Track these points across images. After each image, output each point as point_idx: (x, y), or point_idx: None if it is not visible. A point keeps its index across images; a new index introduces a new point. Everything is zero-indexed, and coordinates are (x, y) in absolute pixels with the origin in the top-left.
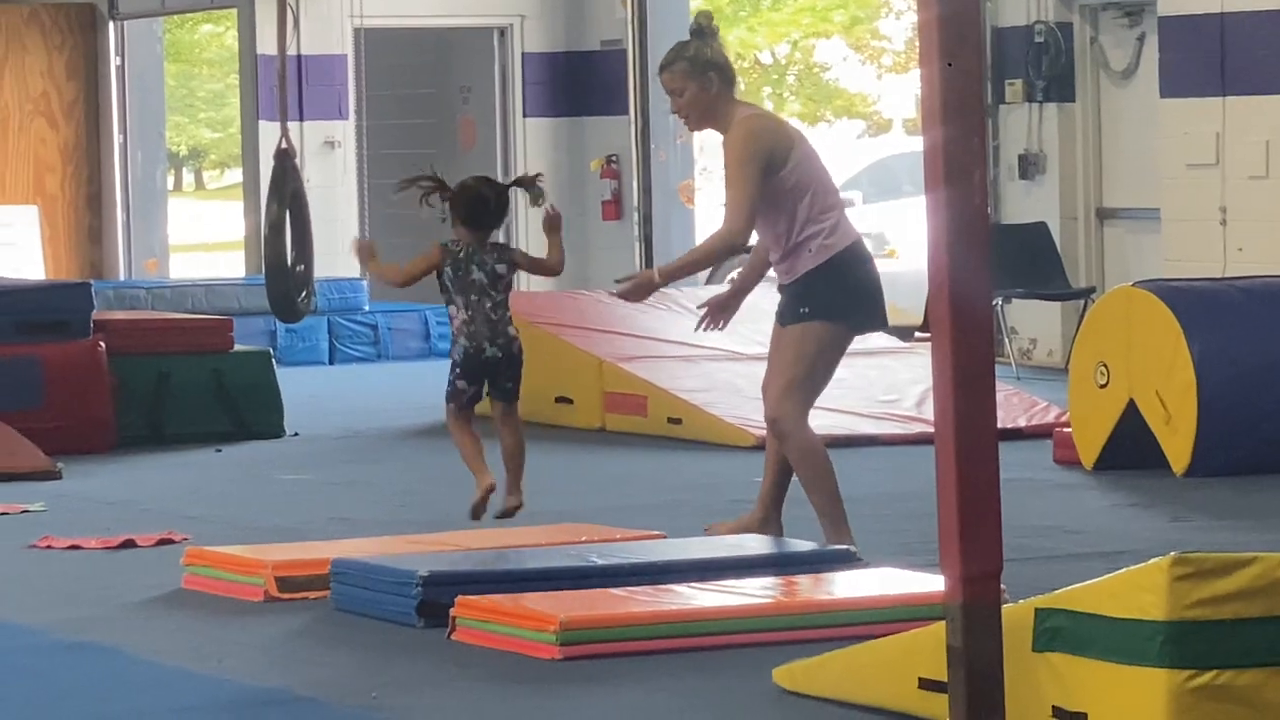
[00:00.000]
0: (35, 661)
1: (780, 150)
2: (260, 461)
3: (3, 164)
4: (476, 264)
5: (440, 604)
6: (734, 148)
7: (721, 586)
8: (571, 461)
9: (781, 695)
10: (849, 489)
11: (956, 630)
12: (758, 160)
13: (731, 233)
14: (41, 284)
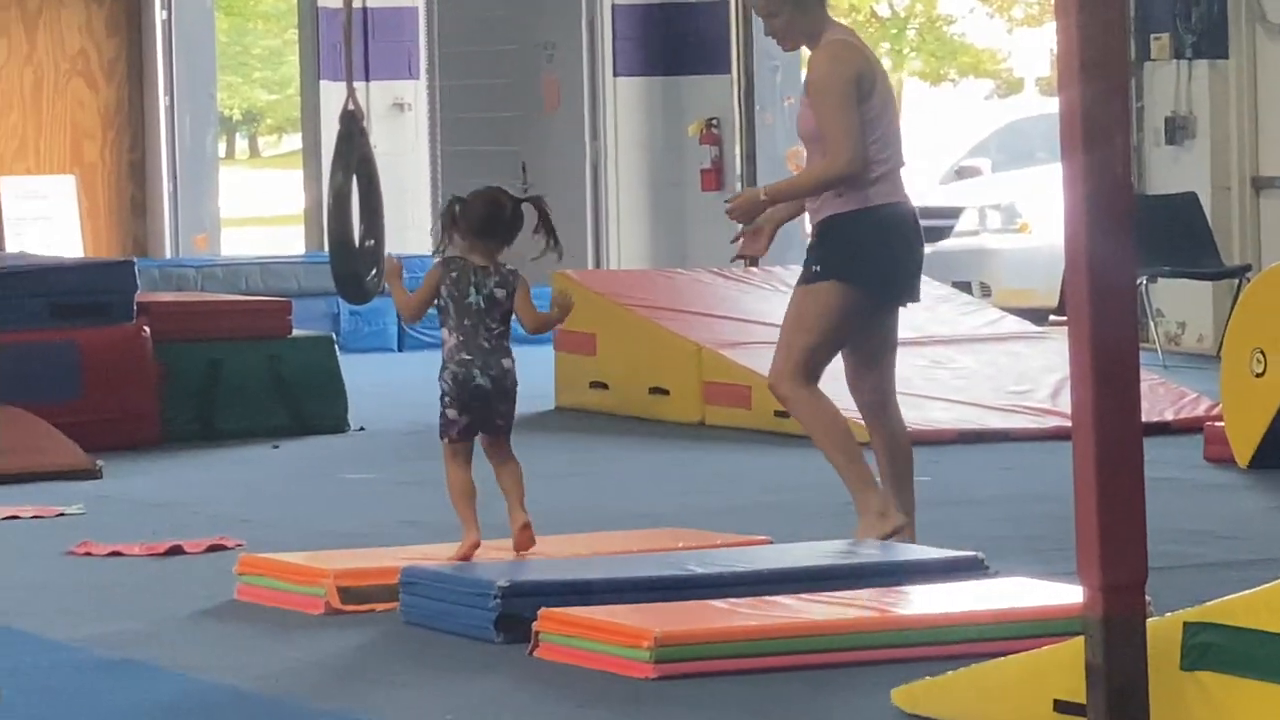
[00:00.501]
0: (73, 681)
1: (866, 80)
2: (321, 459)
3: (37, 130)
4: (475, 286)
5: (521, 617)
6: (828, 72)
7: (833, 598)
8: (667, 459)
9: (901, 717)
10: (974, 489)
11: (1096, 647)
12: (851, 84)
13: (849, 162)
14: (79, 262)
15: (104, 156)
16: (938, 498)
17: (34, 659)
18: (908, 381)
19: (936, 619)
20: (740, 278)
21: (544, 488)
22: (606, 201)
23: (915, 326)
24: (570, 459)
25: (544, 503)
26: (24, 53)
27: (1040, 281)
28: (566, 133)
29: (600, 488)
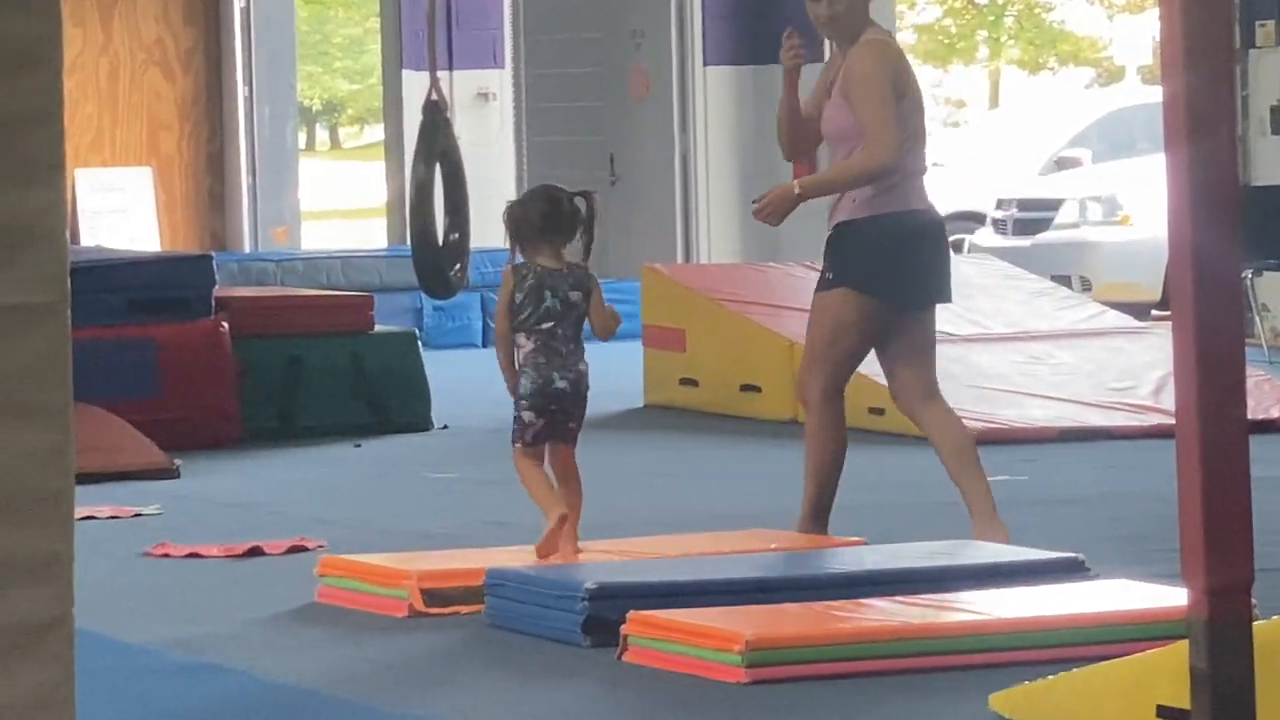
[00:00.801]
0: (151, 685)
1: (900, 82)
2: (404, 458)
3: (113, 121)
4: (550, 289)
5: (609, 620)
6: (871, 67)
7: (929, 600)
8: (759, 457)
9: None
10: (1074, 488)
11: (1201, 651)
12: (891, 82)
13: (890, 154)
14: (156, 256)
15: (181, 148)
16: (1037, 497)
17: (110, 662)
18: (1006, 378)
19: (1035, 622)
20: None
21: (633, 487)
22: (696, 194)
23: (1013, 322)
24: (659, 458)
25: (632, 502)
26: (100, 42)
27: (1142, 275)
28: (655, 123)
29: (690, 487)
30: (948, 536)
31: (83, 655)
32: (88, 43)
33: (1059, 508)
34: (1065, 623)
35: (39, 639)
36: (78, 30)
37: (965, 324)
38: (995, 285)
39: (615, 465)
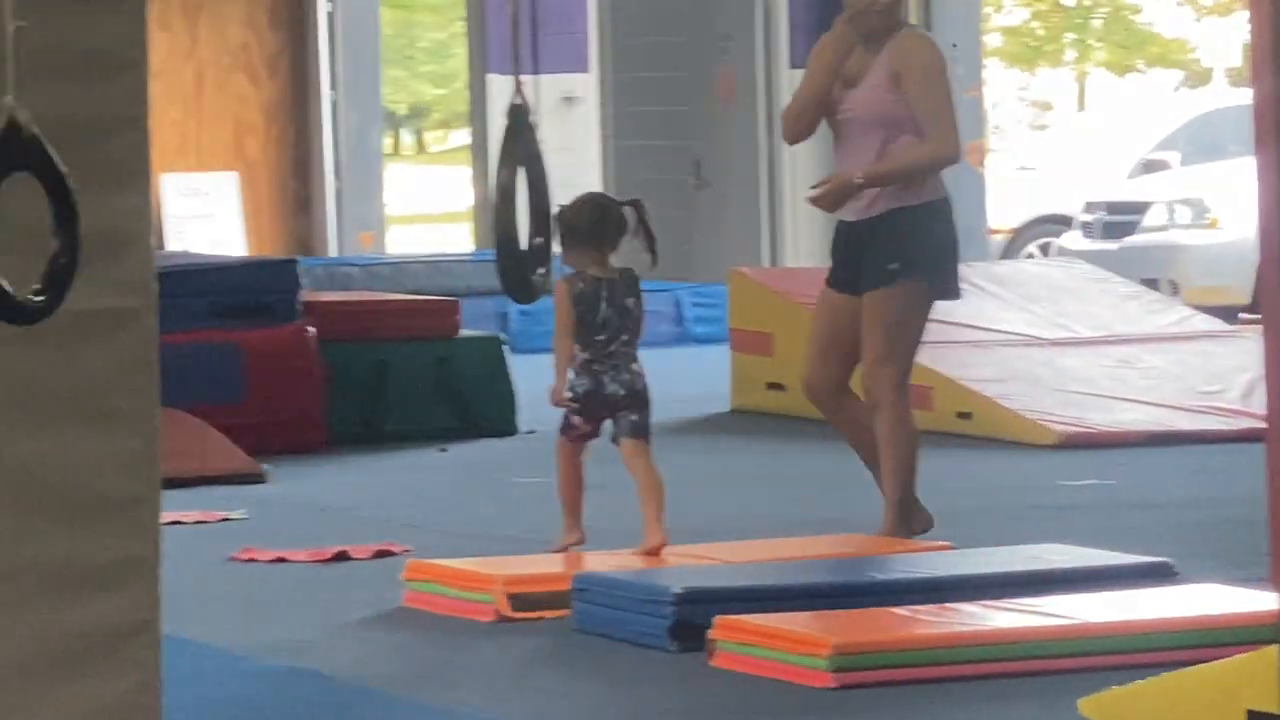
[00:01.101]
0: (239, 689)
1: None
2: (491, 462)
3: (199, 125)
4: (606, 299)
5: (697, 625)
6: (936, 60)
7: (1017, 605)
8: (845, 462)
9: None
10: (1163, 492)
11: None
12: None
13: (953, 146)
14: (242, 261)
15: (267, 153)
16: (1125, 501)
17: (197, 667)
18: (1094, 382)
19: (1124, 627)
20: None
21: (719, 492)
22: (782, 197)
23: (1101, 325)
24: (746, 462)
25: (719, 507)
26: (185, 47)
27: (1231, 278)
28: (741, 127)
29: (777, 492)
30: (1035, 540)
31: (169, 660)
32: (174, 47)
33: (1147, 512)
34: (1154, 627)
35: (123, 644)
36: (163, 34)
37: (1053, 328)
38: (1083, 289)
39: (702, 470)
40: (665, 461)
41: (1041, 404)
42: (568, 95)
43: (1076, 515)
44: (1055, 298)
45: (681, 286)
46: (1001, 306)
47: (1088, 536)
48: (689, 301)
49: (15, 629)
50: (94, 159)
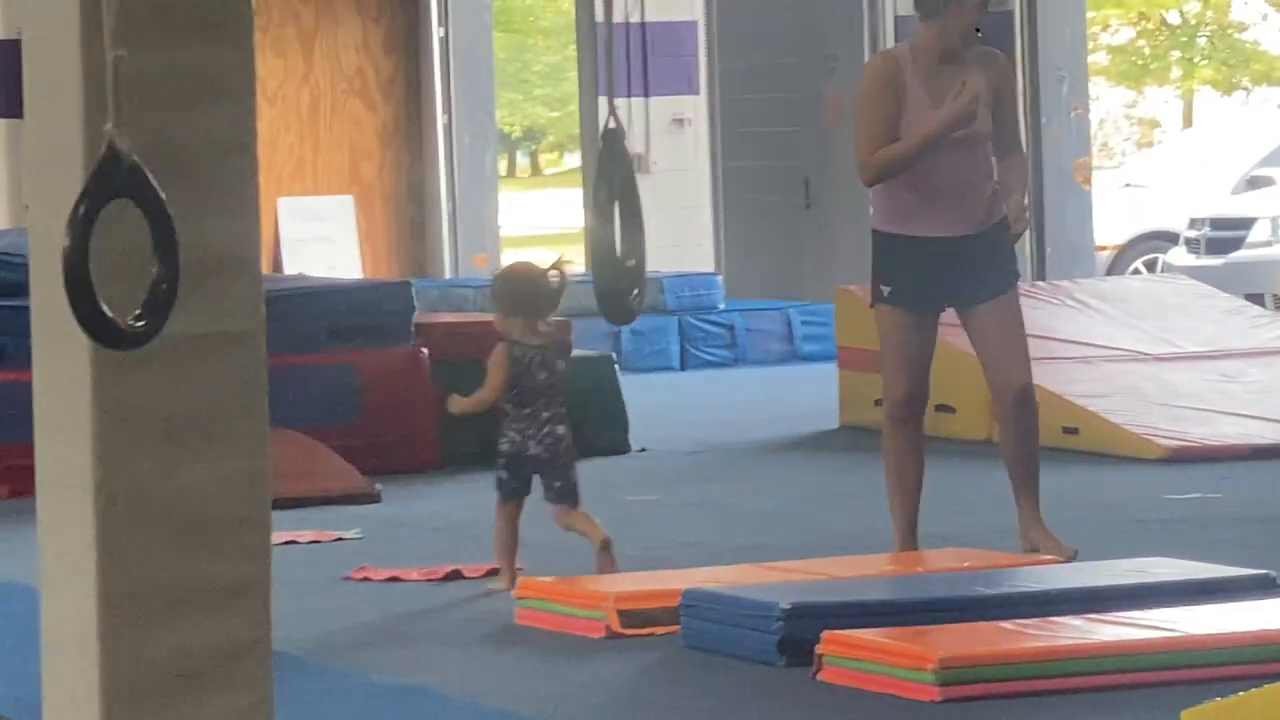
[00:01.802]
0: (351, 708)
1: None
2: (602, 480)
3: (314, 150)
4: (540, 364)
5: (805, 640)
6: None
7: (1121, 618)
8: (953, 477)
9: None
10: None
11: None
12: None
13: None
14: (357, 283)
15: (382, 176)
16: (1229, 515)
17: (311, 686)
18: (1199, 396)
19: (1228, 639)
20: (1027, 292)
21: (828, 507)
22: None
23: (1206, 339)
24: (855, 478)
25: (827, 523)
26: (301, 72)
27: None
28: (849, 148)
29: (885, 507)
30: (1140, 553)
31: (283, 678)
32: (289, 73)
33: (1251, 525)
34: (1257, 639)
35: (235, 663)
36: (279, 61)
37: (1159, 343)
38: (1188, 304)
39: (811, 485)
40: (773, 476)
41: (1147, 418)
42: (678, 117)
43: (1181, 528)
44: (1160, 313)
45: (791, 305)
46: (1106, 322)
47: (1192, 549)
48: (798, 320)
49: (135, 649)
50: (203, 185)
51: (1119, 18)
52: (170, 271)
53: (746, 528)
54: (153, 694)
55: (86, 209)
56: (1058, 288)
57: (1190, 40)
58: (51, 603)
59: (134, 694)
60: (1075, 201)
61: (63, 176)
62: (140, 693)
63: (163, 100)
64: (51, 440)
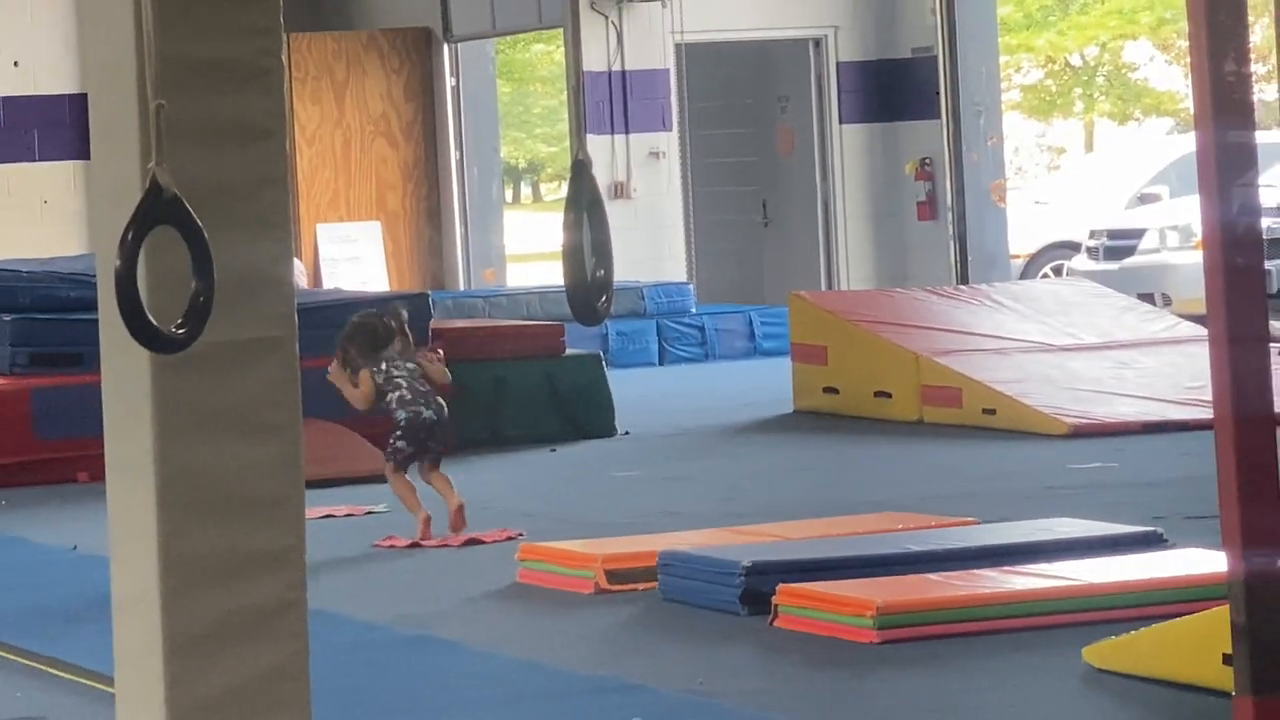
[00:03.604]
0: (379, 655)
1: None
2: (593, 460)
3: (347, 183)
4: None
5: (763, 592)
6: None
7: (1030, 570)
8: (890, 453)
9: (1092, 673)
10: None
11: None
12: None
13: None
14: (380, 295)
15: (405, 205)
16: (1124, 480)
17: (344, 636)
18: (1098, 381)
19: (1121, 586)
20: (951, 295)
21: (784, 479)
22: (836, 232)
23: (1104, 333)
24: (806, 454)
25: (784, 492)
26: (334, 117)
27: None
28: (800, 174)
29: (832, 479)
30: (1049, 515)
31: (320, 631)
32: (325, 118)
33: (1143, 490)
34: (1147, 586)
35: (277, 619)
36: (316, 107)
37: (1063, 336)
38: (1088, 303)
39: (769, 461)
40: (738, 454)
41: (1054, 400)
42: (654, 150)
43: (1083, 493)
44: (1064, 311)
45: (752, 308)
46: (1019, 319)
47: (1092, 511)
48: (758, 321)
49: (190, 609)
50: (241, 214)
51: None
52: (207, 286)
53: (715, 497)
54: (207, 648)
55: (134, 234)
56: (977, 290)
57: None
58: (119, 571)
59: (191, 648)
60: (992, 217)
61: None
62: (196, 647)
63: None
64: (118, 432)
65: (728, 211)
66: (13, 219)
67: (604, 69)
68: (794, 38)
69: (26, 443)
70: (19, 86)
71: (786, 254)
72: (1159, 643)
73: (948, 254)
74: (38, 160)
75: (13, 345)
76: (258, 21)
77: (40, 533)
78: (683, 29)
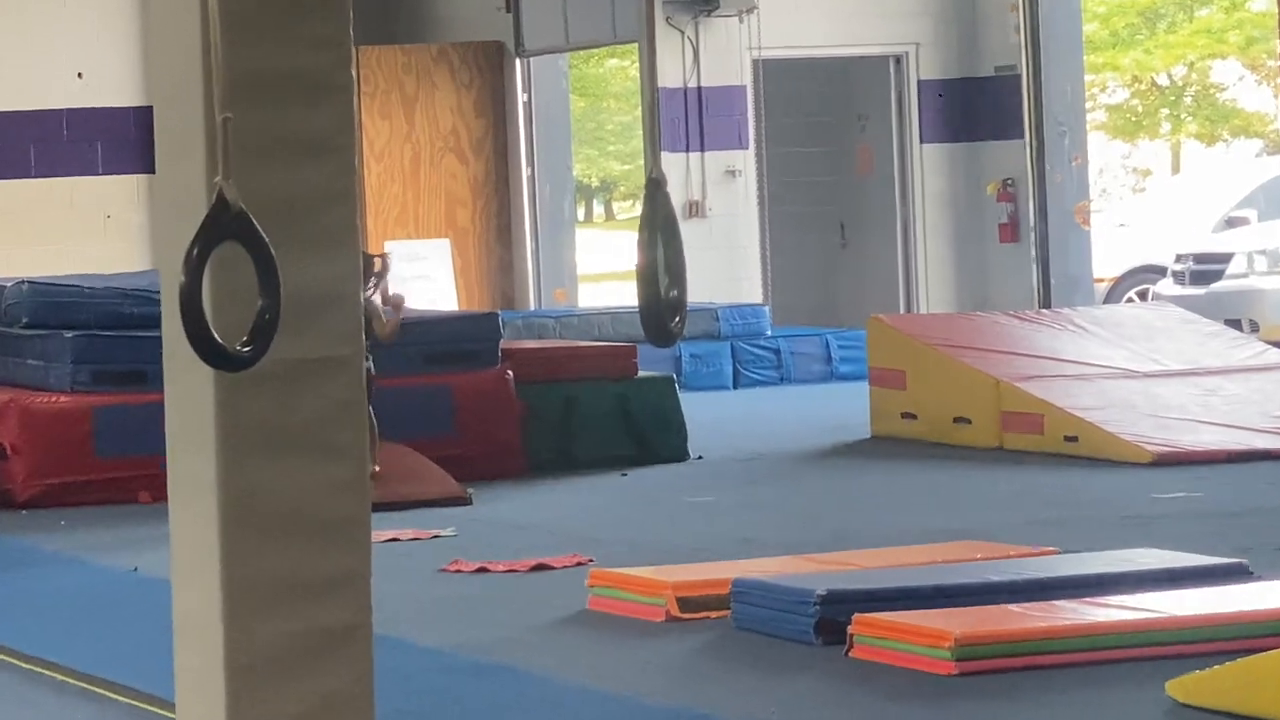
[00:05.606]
0: (444, 682)
1: None
2: (665, 485)
3: (416, 199)
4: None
5: (838, 622)
6: None
7: (1113, 601)
8: (969, 480)
9: (1175, 707)
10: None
11: None
12: None
13: None
14: (451, 315)
15: (475, 222)
16: (1209, 510)
17: (408, 662)
18: (1184, 408)
19: (1206, 619)
20: (1033, 319)
21: (860, 506)
22: (915, 254)
23: (1190, 359)
24: (883, 482)
25: (860, 520)
26: (404, 132)
27: None
28: (879, 194)
29: (910, 507)
30: (1130, 546)
31: (384, 656)
32: (394, 132)
33: (1229, 520)
34: (1233, 619)
35: (341, 644)
36: (385, 122)
37: (1147, 362)
38: (1173, 328)
39: (844, 488)
40: (813, 480)
41: (1137, 428)
42: (730, 169)
43: (1166, 524)
44: (1149, 336)
45: (829, 331)
46: (1102, 344)
47: (1177, 542)
48: (835, 344)
49: (252, 633)
50: (309, 230)
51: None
52: (273, 303)
53: (789, 524)
54: (270, 672)
55: (199, 250)
56: (1060, 314)
57: (1178, 99)
58: (181, 593)
59: (254, 672)
60: (1076, 239)
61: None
62: (259, 671)
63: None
64: (181, 452)
65: (805, 232)
66: (76, 233)
67: (679, 85)
68: (874, 54)
69: (87, 462)
70: (83, 98)
71: (864, 276)
72: (1245, 677)
73: (1030, 277)
74: (101, 174)
75: (74, 363)
76: (327, 34)
77: (100, 554)
78: (760, 45)
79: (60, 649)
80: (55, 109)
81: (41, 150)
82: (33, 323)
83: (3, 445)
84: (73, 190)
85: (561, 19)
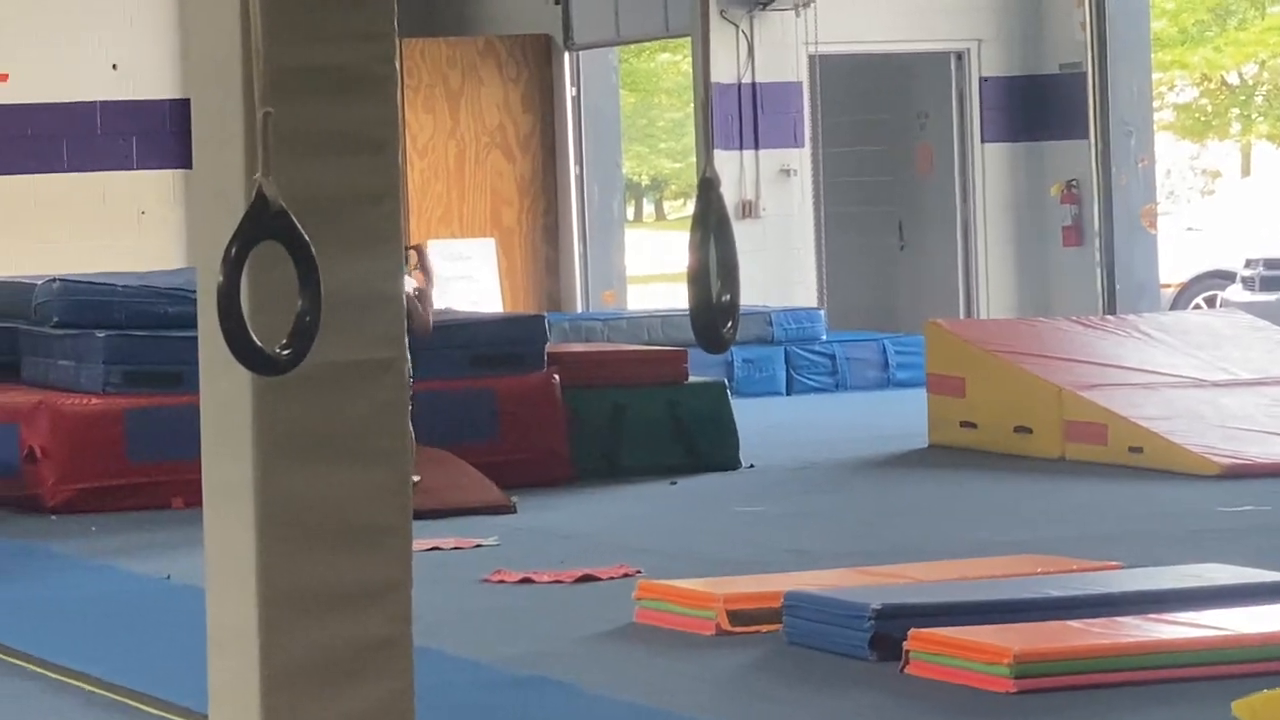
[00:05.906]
0: (487, 696)
1: None
2: (715, 493)
3: (460, 197)
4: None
5: (893, 637)
6: None
7: (1178, 618)
8: (1029, 492)
9: None
10: None
11: None
12: None
13: None
14: (495, 317)
15: (520, 221)
16: (1278, 525)
17: (450, 676)
18: (1252, 419)
19: (1274, 637)
20: (1097, 325)
21: (917, 518)
22: (976, 257)
23: (1259, 368)
24: (941, 492)
25: (917, 532)
26: (448, 128)
27: None
28: (939, 194)
29: (968, 518)
30: (1196, 561)
31: (425, 670)
32: (438, 128)
33: None
34: None
35: (380, 655)
36: (429, 117)
37: (1215, 370)
38: (1242, 336)
39: (901, 498)
40: (869, 490)
41: (1205, 439)
42: (785, 168)
43: (1234, 538)
44: (1217, 344)
45: (886, 336)
46: (1169, 352)
47: (1245, 557)
48: (893, 350)
49: (288, 643)
50: (351, 229)
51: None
52: (313, 305)
53: (844, 536)
54: (306, 685)
55: (238, 249)
56: (1125, 320)
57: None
58: (215, 602)
59: (289, 685)
60: (1142, 243)
61: (225, 221)
62: (295, 683)
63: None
64: (216, 456)
65: (862, 233)
66: (109, 230)
67: (733, 80)
68: (935, 51)
69: (119, 466)
70: (117, 91)
71: (923, 279)
72: None
73: (1094, 282)
74: (135, 169)
75: (106, 363)
76: (370, 26)
77: (132, 561)
78: (817, 39)
79: (89, 658)
80: (88, 101)
81: (74, 144)
82: (63, 322)
83: (32, 448)
84: (106, 185)
85: (612, 11)
